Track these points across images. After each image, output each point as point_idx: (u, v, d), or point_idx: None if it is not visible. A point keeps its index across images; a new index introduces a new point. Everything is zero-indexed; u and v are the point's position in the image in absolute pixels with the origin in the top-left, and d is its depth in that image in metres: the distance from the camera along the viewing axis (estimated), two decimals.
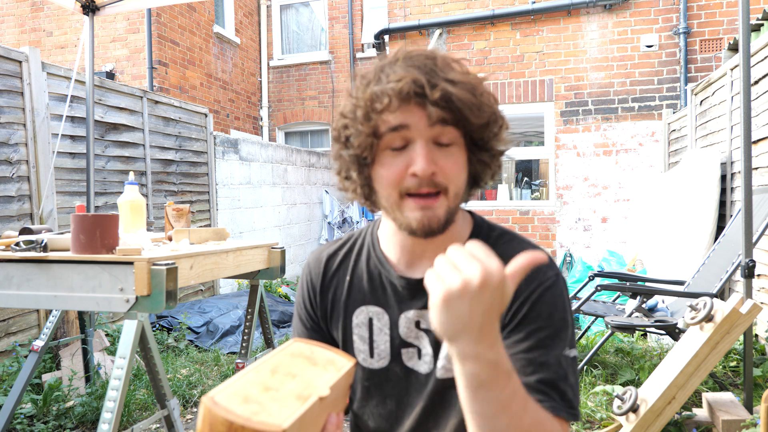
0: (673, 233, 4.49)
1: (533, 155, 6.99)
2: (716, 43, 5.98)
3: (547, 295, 0.84)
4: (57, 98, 3.85)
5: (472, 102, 0.78)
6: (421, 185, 0.80)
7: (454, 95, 0.76)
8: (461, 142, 0.82)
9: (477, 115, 0.78)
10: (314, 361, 0.76)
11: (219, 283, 5.76)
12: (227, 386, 0.65)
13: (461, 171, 0.83)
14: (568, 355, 0.82)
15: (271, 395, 0.65)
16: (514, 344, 0.83)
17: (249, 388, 0.66)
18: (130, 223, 2.32)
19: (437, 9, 6.88)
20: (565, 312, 0.85)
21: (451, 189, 0.81)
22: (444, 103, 0.76)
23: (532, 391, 0.78)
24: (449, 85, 0.76)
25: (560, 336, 0.83)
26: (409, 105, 0.78)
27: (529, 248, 0.90)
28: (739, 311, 2.30)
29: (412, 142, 0.80)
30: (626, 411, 2.30)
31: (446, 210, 0.82)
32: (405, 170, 0.80)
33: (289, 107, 10.00)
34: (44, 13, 7.71)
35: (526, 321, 0.83)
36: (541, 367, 0.80)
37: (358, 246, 1.01)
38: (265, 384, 0.68)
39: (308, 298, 1.01)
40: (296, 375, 0.71)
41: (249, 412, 0.61)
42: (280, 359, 0.74)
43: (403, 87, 0.76)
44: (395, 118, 0.78)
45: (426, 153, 0.79)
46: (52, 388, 2.94)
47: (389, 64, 0.80)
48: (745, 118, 2.42)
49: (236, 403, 0.62)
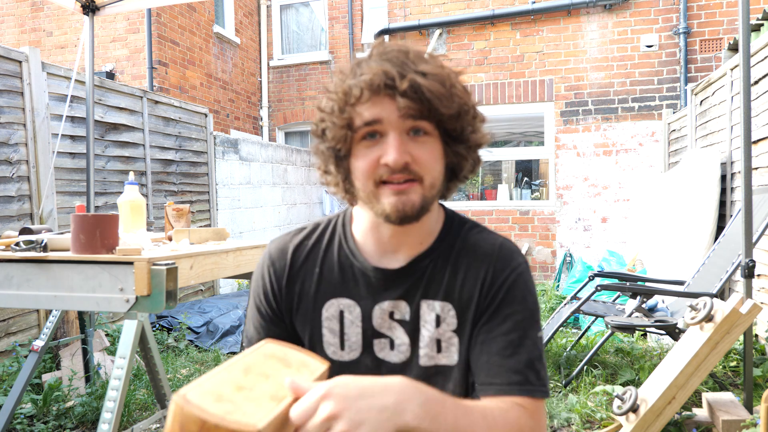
0: (673, 233, 4.49)
1: (533, 155, 6.99)
2: (716, 43, 5.98)
3: (520, 280, 0.90)
4: (57, 98, 3.85)
5: (441, 93, 0.79)
6: (393, 173, 0.82)
7: (423, 86, 0.78)
8: (435, 134, 0.84)
9: (447, 106, 0.80)
10: (287, 363, 0.75)
11: (219, 283, 5.76)
12: (199, 384, 0.64)
13: (436, 161, 0.85)
14: (540, 336, 0.89)
15: (244, 395, 0.64)
16: (492, 328, 0.87)
17: (222, 387, 0.64)
18: (130, 223, 2.32)
19: (437, 9, 6.88)
20: (535, 295, 0.92)
21: (426, 179, 0.83)
22: (413, 94, 0.78)
23: (510, 372, 0.83)
24: (419, 77, 0.78)
25: (534, 317, 0.89)
26: (380, 97, 0.80)
27: (500, 238, 0.95)
28: (739, 311, 2.30)
29: (385, 134, 0.81)
30: (626, 411, 2.30)
31: (421, 197, 0.84)
32: (378, 161, 0.82)
33: (289, 107, 10.00)
34: (44, 13, 7.71)
35: (503, 305, 0.88)
36: (520, 348, 0.85)
37: (327, 237, 0.99)
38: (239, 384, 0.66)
39: (270, 290, 0.97)
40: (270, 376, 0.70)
41: (223, 411, 0.59)
42: (253, 360, 0.73)
43: (374, 79, 0.78)
44: (368, 111, 0.80)
45: (398, 144, 0.80)
46: (52, 388, 2.94)
47: (364, 60, 0.83)
48: (745, 118, 2.41)
49: (209, 402, 0.60)
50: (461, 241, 0.94)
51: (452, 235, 0.95)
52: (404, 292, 0.92)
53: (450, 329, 0.91)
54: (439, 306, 0.91)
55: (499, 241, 0.94)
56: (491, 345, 0.86)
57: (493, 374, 0.84)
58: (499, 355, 0.85)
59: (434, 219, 0.94)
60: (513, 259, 0.91)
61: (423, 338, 0.91)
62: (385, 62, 0.80)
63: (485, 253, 0.92)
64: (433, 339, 0.91)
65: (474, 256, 0.92)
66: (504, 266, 0.90)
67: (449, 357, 0.91)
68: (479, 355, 0.87)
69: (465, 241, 0.94)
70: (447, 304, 0.91)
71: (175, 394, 0.60)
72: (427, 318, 0.91)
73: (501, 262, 0.91)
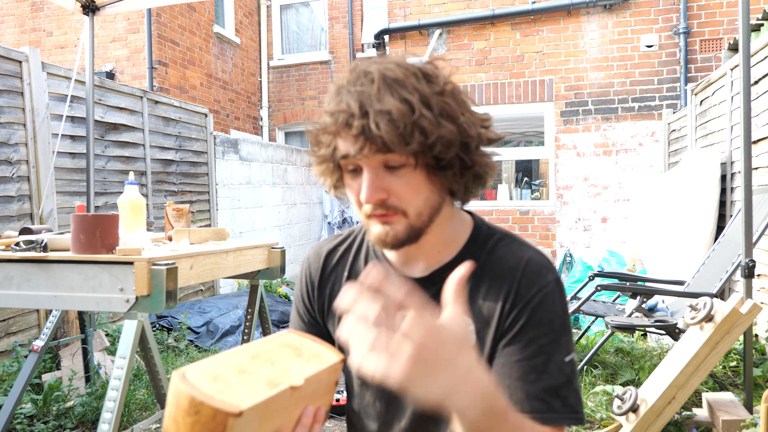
0: (673, 233, 4.49)
1: (533, 155, 6.99)
2: (716, 43, 5.98)
3: (548, 300, 0.83)
4: (57, 98, 3.85)
5: (394, 135, 0.74)
6: (375, 210, 0.80)
7: (373, 130, 0.74)
8: (412, 163, 0.79)
9: (403, 147, 0.75)
10: (300, 352, 0.75)
11: (219, 283, 5.76)
12: (202, 365, 0.65)
13: (417, 192, 0.80)
14: (568, 360, 0.82)
15: (242, 378, 0.65)
16: (514, 352, 0.82)
17: (223, 369, 0.66)
18: (130, 223, 2.32)
19: (437, 9, 6.88)
20: (565, 316, 0.84)
21: (409, 210, 0.80)
22: (369, 134, 0.75)
23: (533, 399, 0.78)
24: (374, 117, 0.74)
25: (560, 341, 0.82)
26: (347, 134, 0.77)
27: (530, 251, 0.89)
28: (739, 311, 2.30)
29: (360, 169, 0.80)
30: (626, 411, 2.30)
31: (407, 227, 0.81)
32: (359, 195, 0.81)
33: (289, 107, 10.00)
34: (44, 13, 7.71)
35: (528, 327, 0.82)
36: (544, 374, 0.80)
37: (357, 243, 1.01)
38: (241, 367, 0.67)
39: (306, 292, 1.02)
40: (276, 363, 0.70)
41: (213, 391, 0.60)
42: (266, 347, 0.74)
43: (337, 116, 0.77)
44: (343, 145, 0.79)
45: (371, 182, 0.78)
46: (52, 388, 2.94)
47: (341, 87, 0.79)
48: (745, 118, 2.41)
49: (204, 381, 0.62)
50: (486, 253, 0.89)
51: (478, 246, 0.90)
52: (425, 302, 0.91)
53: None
54: None
55: (527, 256, 0.87)
56: (513, 370, 0.81)
57: (514, 401, 0.79)
58: (521, 380, 0.80)
59: (450, 229, 0.90)
60: (541, 277, 0.85)
61: None
62: (351, 95, 0.77)
63: (510, 268, 0.86)
64: None
65: (498, 271, 0.87)
66: (530, 284, 0.84)
67: None
68: (500, 379, 0.82)
69: (490, 254, 0.89)
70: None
71: (176, 370, 0.62)
72: None
73: (527, 279, 0.84)
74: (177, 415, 0.60)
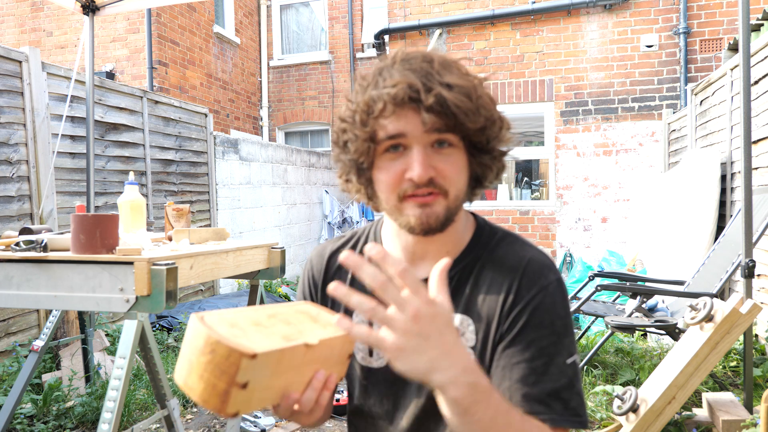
0: (673, 233, 4.49)
1: (533, 155, 6.99)
2: (716, 43, 5.98)
3: (548, 301, 0.82)
4: (57, 98, 3.85)
5: (468, 107, 0.76)
6: (418, 188, 0.80)
7: (449, 100, 0.75)
8: (460, 145, 0.81)
9: (473, 120, 0.77)
10: (316, 319, 0.75)
11: (219, 283, 5.76)
12: (220, 312, 0.66)
13: (461, 173, 0.82)
14: (570, 362, 0.81)
15: (258, 329, 0.65)
16: (515, 353, 0.81)
17: (240, 320, 0.66)
18: (130, 223, 2.32)
19: (437, 9, 6.88)
20: (566, 317, 0.83)
21: (451, 192, 0.81)
22: (439, 108, 0.75)
23: (534, 402, 0.78)
24: (445, 90, 0.75)
25: (562, 343, 0.81)
26: (405, 110, 0.77)
27: (532, 250, 0.89)
28: (739, 311, 2.30)
29: (409, 148, 0.79)
30: (626, 411, 2.30)
31: (445, 209, 0.82)
32: (402, 175, 0.80)
33: (289, 107, 10.00)
34: (44, 13, 7.71)
35: (528, 328, 0.81)
36: (544, 377, 0.79)
37: (361, 243, 1.01)
38: (258, 321, 0.68)
39: (310, 293, 1.02)
40: (292, 323, 0.71)
41: (230, 334, 0.61)
42: (283, 310, 0.74)
43: (398, 92, 0.75)
44: (392, 124, 0.78)
45: (423, 159, 0.78)
46: (52, 388, 2.94)
47: (387, 67, 0.80)
48: (745, 118, 2.41)
49: (222, 325, 0.63)
50: (488, 252, 0.89)
51: (480, 245, 0.91)
52: None
53: (468, 345, 0.87)
54: (459, 319, 0.88)
55: (528, 255, 0.87)
56: (513, 371, 0.80)
57: (515, 403, 0.79)
58: (521, 383, 0.79)
59: (461, 228, 0.91)
60: (542, 276, 0.84)
61: None
62: (408, 72, 0.76)
63: (510, 268, 0.86)
64: None
65: (498, 271, 0.86)
66: (530, 284, 0.83)
67: None
68: (501, 380, 0.82)
69: (492, 253, 0.89)
70: (467, 318, 0.87)
71: (195, 313, 0.63)
72: None
73: (527, 279, 0.84)
74: (191, 354, 0.61)
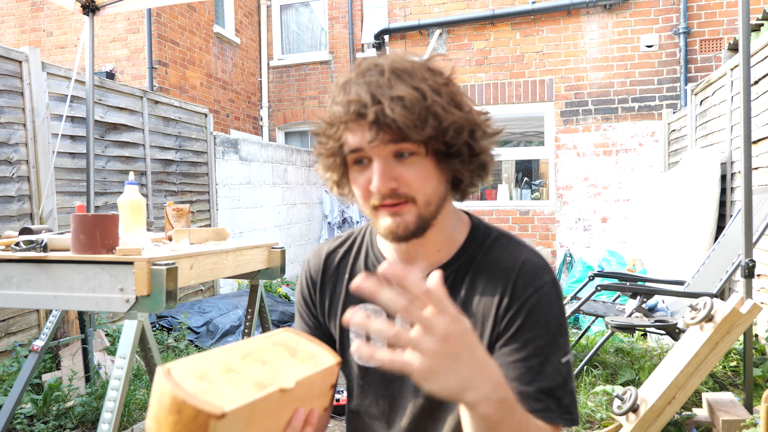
0: (673, 233, 4.49)
1: (533, 155, 6.99)
2: (716, 43, 5.98)
3: (543, 301, 0.84)
4: (57, 98, 3.85)
5: (410, 120, 0.76)
6: (383, 199, 0.81)
7: (388, 116, 0.75)
8: (422, 152, 0.80)
9: (418, 131, 0.77)
10: (294, 352, 0.72)
11: (219, 283, 5.75)
12: (190, 361, 0.63)
13: (427, 180, 0.82)
14: (564, 362, 0.83)
15: (229, 377, 0.62)
16: (511, 352, 0.83)
17: (210, 368, 0.63)
18: (130, 223, 2.32)
19: (437, 9, 6.88)
20: (561, 317, 0.85)
21: (419, 198, 0.81)
22: (383, 121, 0.76)
23: (530, 399, 0.80)
24: (388, 103, 0.75)
25: (557, 342, 0.83)
26: (358, 125, 0.78)
27: (526, 251, 0.89)
28: (739, 311, 2.30)
29: (371, 160, 0.81)
30: (626, 411, 2.30)
31: (416, 216, 0.82)
32: (368, 186, 0.81)
33: (289, 107, 10.00)
34: (44, 13, 7.71)
35: (524, 328, 0.83)
36: (539, 376, 0.81)
37: (357, 244, 1.02)
38: (230, 366, 0.64)
39: (309, 293, 1.02)
40: (267, 363, 0.67)
41: (197, 390, 0.58)
42: (259, 345, 0.71)
43: (348, 107, 0.78)
44: (351, 138, 0.80)
45: (381, 171, 0.79)
46: (52, 388, 2.94)
47: (349, 81, 0.81)
48: (745, 118, 2.41)
49: (189, 379, 0.59)
50: (483, 253, 0.90)
51: (475, 246, 0.91)
52: None
53: None
54: None
55: (523, 256, 0.87)
56: (509, 371, 0.82)
57: None
58: (518, 381, 0.81)
59: (449, 228, 0.91)
60: (537, 277, 0.85)
61: None
62: (361, 86, 0.78)
63: (506, 269, 0.86)
64: None
65: (494, 272, 0.87)
66: (526, 285, 0.84)
67: None
68: None
69: (487, 254, 0.90)
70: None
71: (162, 366, 0.60)
72: None
73: (522, 280, 0.85)
74: (159, 412, 0.58)
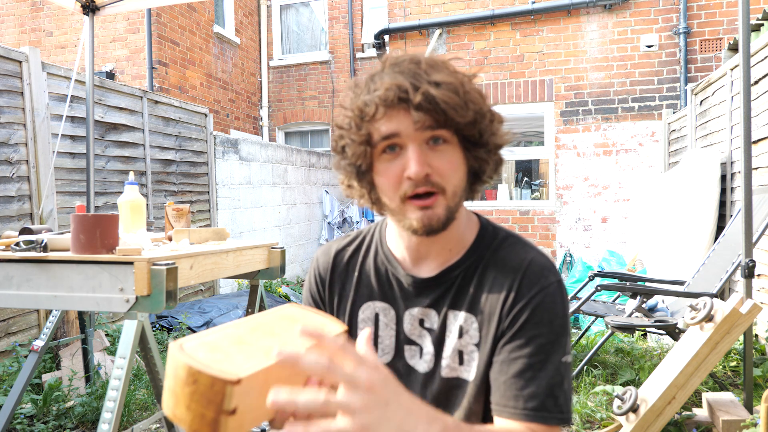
0: (673, 233, 4.49)
1: (533, 155, 6.99)
2: (716, 43, 5.98)
3: (548, 301, 0.86)
4: (57, 98, 3.85)
5: (455, 102, 0.79)
6: (417, 186, 0.82)
7: (437, 97, 0.78)
8: (454, 141, 0.83)
9: (462, 114, 0.80)
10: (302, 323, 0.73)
11: (219, 283, 5.75)
12: (201, 336, 0.64)
13: (457, 169, 0.84)
14: (564, 361, 0.85)
15: (241, 348, 0.63)
16: (514, 349, 0.85)
17: (222, 341, 0.64)
18: (130, 223, 2.32)
19: (437, 9, 6.88)
20: (565, 318, 0.87)
21: (448, 188, 0.83)
22: (428, 105, 0.78)
23: (528, 396, 0.81)
24: (432, 88, 0.78)
25: (560, 342, 0.85)
26: (396, 111, 0.80)
27: (533, 252, 0.91)
28: (739, 311, 2.30)
29: (404, 147, 0.82)
30: (626, 411, 2.30)
31: (445, 208, 0.84)
32: (401, 175, 0.82)
33: (289, 107, 10.00)
34: (44, 13, 7.71)
35: (528, 326, 0.85)
36: (540, 373, 0.82)
37: (366, 243, 1.03)
38: (241, 338, 0.66)
39: (316, 291, 1.04)
40: (276, 334, 0.69)
41: (210, 360, 0.59)
42: (267, 319, 0.73)
43: (388, 94, 0.79)
44: (386, 126, 0.81)
45: (418, 156, 0.81)
46: (52, 388, 2.94)
47: (378, 73, 0.83)
48: (745, 118, 2.41)
49: (203, 352, 0.61)
50: (491, 253, 0.92)
51: (484, 246, 0.93)
52: (433, 301, 0.92)
53: (472, 342, 0.90)
54: (463, 317, 0.90)
55: (529, 257, 0.90)
56: (510, 366, 0.84)
57: (510, 397, 0.83)
58: (518, 377, 0.83)
59: (462, 226, 0.93)
60: (542, 277, 0.87)
61: (447, 348, 0.91)
62: (397, 75, 0.80)
63: (512, 269, 0.89)
64: (455, 350, 0.90)
65: (501, 271, 0.90)
66: (531, 284, 0.87)
67: (469, 371, 0.90)
68: (498, 374, 0.85)
69: (495, 254, 0.92)
70: (471, 316, 0.90)
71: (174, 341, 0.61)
72: (451, 328, 0.91)
73: (528, 279, 0.87)
74: (175, 386, 0.59)
